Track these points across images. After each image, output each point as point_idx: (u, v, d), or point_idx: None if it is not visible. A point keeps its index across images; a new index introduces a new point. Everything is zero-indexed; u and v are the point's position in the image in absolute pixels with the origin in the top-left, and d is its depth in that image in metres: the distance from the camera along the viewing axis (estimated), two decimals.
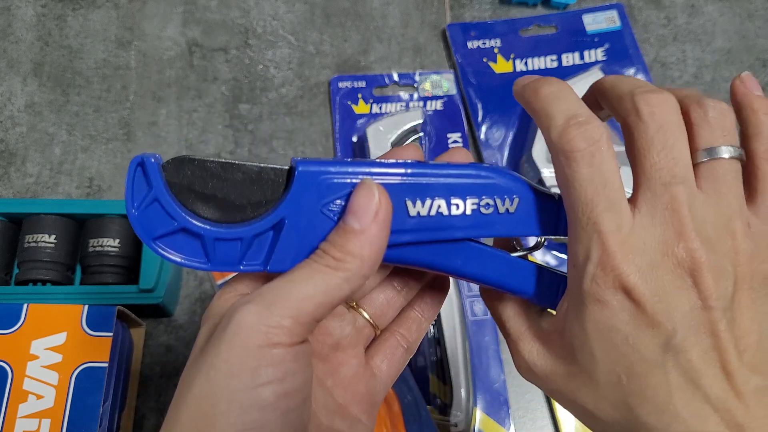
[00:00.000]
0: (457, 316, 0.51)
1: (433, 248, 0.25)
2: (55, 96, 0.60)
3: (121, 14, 0.63)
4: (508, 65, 0.62)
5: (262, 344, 0.21)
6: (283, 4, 0.65)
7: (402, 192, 0.24)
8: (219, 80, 0.61)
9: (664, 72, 0.63)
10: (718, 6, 0.66)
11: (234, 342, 0.21)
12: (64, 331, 0.43)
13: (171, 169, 0.23)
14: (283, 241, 0.24)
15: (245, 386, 0.20)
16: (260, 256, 0.24)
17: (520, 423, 0.51)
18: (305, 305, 0.22)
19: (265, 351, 0.21)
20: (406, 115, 0.59)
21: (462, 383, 0.49)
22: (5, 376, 0.41)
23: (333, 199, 0.24)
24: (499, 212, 0.25)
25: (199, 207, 0.24)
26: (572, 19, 0.64)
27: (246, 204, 0.24)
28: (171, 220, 0.23)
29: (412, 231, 0.24)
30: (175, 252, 0.24)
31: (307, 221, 0.24)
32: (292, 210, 0.24)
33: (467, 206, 0.25)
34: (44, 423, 0.41)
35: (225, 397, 0.20)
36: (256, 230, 0.24)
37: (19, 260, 0.49)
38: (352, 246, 0.23)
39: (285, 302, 0.22)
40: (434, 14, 0.65)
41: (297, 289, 0.22)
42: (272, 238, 0.24)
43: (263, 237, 0.24)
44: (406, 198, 0.24)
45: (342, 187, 0.24)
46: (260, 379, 0.21)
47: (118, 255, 0.49)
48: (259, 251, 0.24)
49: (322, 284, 0.22)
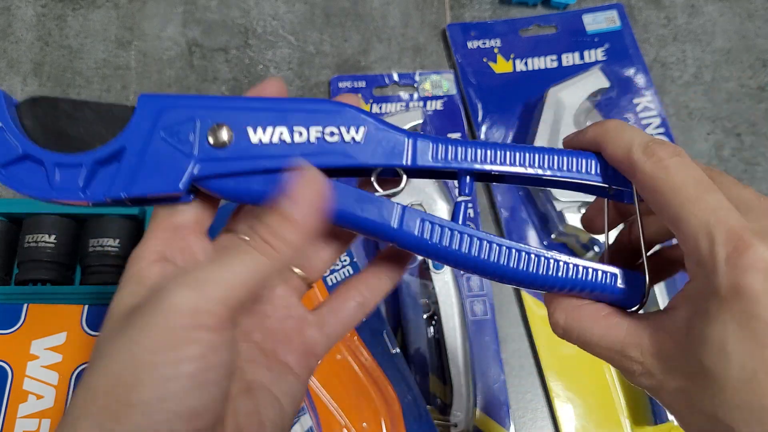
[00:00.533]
0: (457, 316, 0.51)
1: (281, 179, 0.25)
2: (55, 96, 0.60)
3: (121, 14, 0.63)
4: (508, 65, 0.62)
5: (188, 326, 0.21)
6: (283, 4, 0.65)
7: (243, 120, 0.25)
8: (219, 80, 0.61)
9: (664, 72, 0.63)
10: (718, 6, 0.66)
11: (160, 322, 0.21)
12: (64, 331, 0.43)
13: (24, 108, 0.25)
14: (125, 167, 0.24)
15: (167, 360, 0.21)
16: (105, 185, 0.25)
17: (520, 423, 0.51)
18: (235, 291, 0.22)
19: (191, 332, 0.21)
20: (406, 115, 0.59)
21: (462, 383, 0.49)
22: (5, 376, 0.41)
23: (177, 128, 0.25)
24: (345, 140, 0.25)
25: (48, 141, 0.25)
26: (572, 19, 0.64)
27: (94, 139, 0.25)
28: (15, 148, 0.24)
29: (257, 158, 0.25)
30: (20, 181, 0.24)
31: (151, 149, 0.24)
32: (133, 138, 0.24)
33: (311, 134, 0.25)
34: (44, 423, 0.41)
35: (146, 370, 0.21)
36: (97, 156, 0.24)
37: (19, 260, 0.49)
38: (288, 234, 0.23)
39: (215, 287, 0.22)
40: (434, 14, 0.65)
41: (228, 273, 0.22)
42: (116, 167, 0.25)
43: (108, 167, 0.25)
44: (247, 125, 0.25)
45: (186, 120, 0.25)
46: (182, 355, 0.21)
47: (118, 255, 0.49)
48: (103, 180, 0.25)
49: (253, 269, 0.22)
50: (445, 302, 0.51)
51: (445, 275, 0.52)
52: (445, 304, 0.51)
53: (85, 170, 0.24)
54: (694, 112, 0.61)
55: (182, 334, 0.21)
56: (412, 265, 0.54)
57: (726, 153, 0.60)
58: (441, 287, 0.52)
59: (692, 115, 0.61)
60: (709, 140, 0.60)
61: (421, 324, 0.52)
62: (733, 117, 0.61)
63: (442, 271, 0.52)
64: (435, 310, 0.52)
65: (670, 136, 0.59)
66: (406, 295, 0.53)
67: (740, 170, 0.59)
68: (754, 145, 0.60)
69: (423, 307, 0.52)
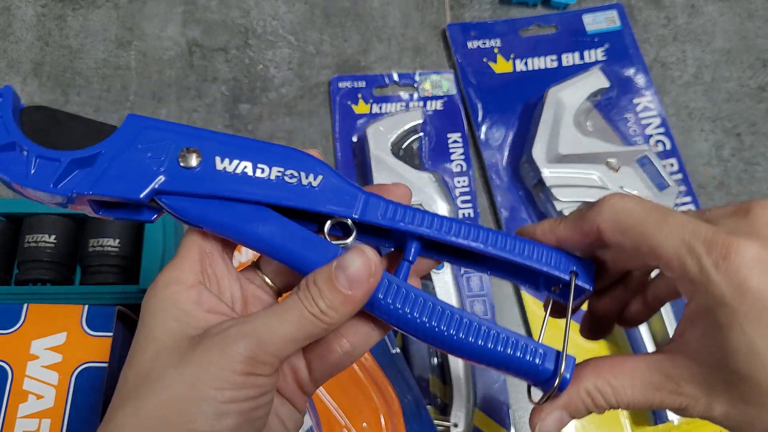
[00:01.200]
0: None
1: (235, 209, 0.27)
2: (55, 96, 0.60)
3: (121, 14, 0.63)
4: (508, 65, 0.62)
5: (247, 372, 0.24)
6: (283, 4, 0.65)
7: (214, 149, 0.27)
8: (219, 80, 0.61)
9: (664, 72, 0.63)
10: (718, 6, 0.66)
11: (224, 364, 0.23)
12: (64, 331, 0.43)
13: (26, 111, 0.27)
14: (97, 169, 0.26)
15: (226, 398, 0.23)
16: (74, 183, 0.26)
17: (520, 423, 0.51)
18: (288, 347, 0.25)
19: (248, 378, 0.24)
20: (406, 115, 0.59)
21: (462, 383, 0.49)
22: (5, 376, 0.41)
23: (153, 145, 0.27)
24: (302, 183, 0.27)
25: (37, 137, 0.27)
26: (572, 19, 0.64)
27: (78, 145, 0.27)
28: (5, 135, 0.26)
29: (218, 183, 0.27)
30: (2, 166, 0.26)
31: (125, 158, 0.26)
32: (111, 146, 0.27)
33: (272, 172, 0.27)
34: (44, 423, 0.40)
35: (205, 404, 0.23)
36: (75, 156, 0.26)
37: (19, 260, 0.49)
38: (339, 305, 0.25)
39: (272, 341, 0.24)
40: (434, 14, 0.65)
41: (283, 330, 0.25)
42: (89, 170, 0.26)
43: (83, 169, 0.26)
44: (216, 155, 0.27)
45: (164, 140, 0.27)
46: (239, 395, 0.24)
47: (118, 255, 0.49)
48: (75, 179, 0.26)
49: (306, 332, 0.25)
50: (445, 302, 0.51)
51: (445, 275, 0.52)
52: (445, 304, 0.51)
53: (61, 166, 0.26)
54: (694, 112, 0.61)
55: (241, 378, 0.24)
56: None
57: (726, 153, 0.60)
58: (441, 287, 0.52)
59: (692, 115, 0.61)
60: (709, 140, 0.60)
61: None
62: (733, 117, 0.61)
63: (442, 271, 0.52)
64: None
65: (670, 136, 0.59)
66: None
67: (740, 170, 0.59)
68: (754, 145, 0.60)
69: None
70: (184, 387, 0.23)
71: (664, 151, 0.58)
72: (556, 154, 0.54)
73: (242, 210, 0.27)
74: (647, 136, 0.59)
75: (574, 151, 0.55)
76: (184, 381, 0.23)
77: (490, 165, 0.58)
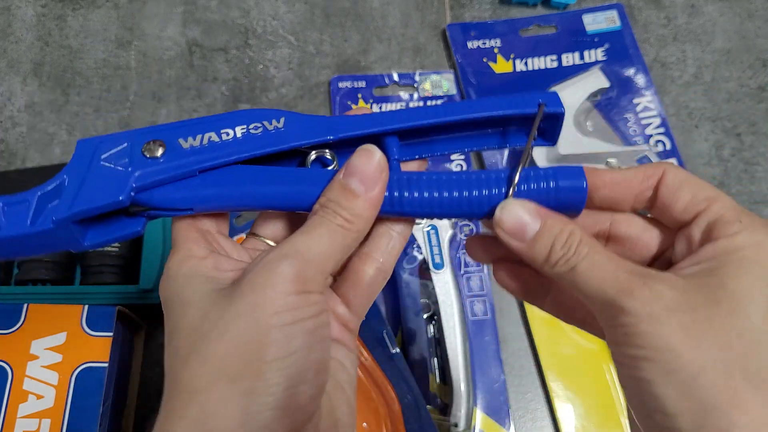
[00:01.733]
0: (457, 316, 0.51)
1: (218, 178, 0.27)
2: (55, 96, 0.60)
3: (121, 14, 0.63)
4: (508, 65, 0.62)
5: (300, 291, 0.24)
6: (283, 4, 0.65)
7: (174, 135, 0.27)
8: (219, 80, 0.61)
9: (664, 72, 0.63)
10: (718, 6, 0.66)
11: (277, 288, 0.23)
12: (64, 331, 0.43)
13: None
14: (69, 191, 0.26)
15: (289, 320, 0.23)
16: (51, 213, 0.26)
17: (520, 423, 0.51)
18: (328, 262, 0.25)
19: (305, 296, 0.24)
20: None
21: (462, 383, 0.49)
22: (5, 376, 0.41)
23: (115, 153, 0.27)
24: (269, 129, 0.28)
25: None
26: (572, 19, 0.64)
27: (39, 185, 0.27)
28: None
29: (191, 159, 0.27)
30: None
31: (92, 174, 0.27)
32: (73, 171, 0.27)
33: (237, 132, 0.28)
34: (44, 423, 0.41)
35: (272, 330, 0.23)
36: (41, 191, 0.26)
37: (19, 260, 0.49)
38: (359, 209, 0.25)
39: (313, 258, 0.24)
40: (434, 14, 0.65)
41: (319, 246, 0.25)
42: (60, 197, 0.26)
43: (54, 199, 0.26)
44: (178, 138, 0.27)
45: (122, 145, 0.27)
46: (300, 314, 0.24)
47: (118, 255, 0.49)
48: (50, 210, 0.26)
49: (338, 244, 0.25)
50: (445, 302, 0.51)
51: (445, 275, 0.52)
52: (445, 303, 0.51)
53: (32, 204, 0.26)
54: (694, 112, 0.61)
55: (296, 298, 0.23)
56: (411, 266, 0.54)
57: (726, 153, 0.60)
58: (441, 287, 0.52)
59: (692, 115, 0.61)
60: (709, 140, 0.60)
61: (421, 324, 0.52)
62: (733, 117, 0.61)
63: (442, 270, 0.52)
64: (435, 309, 0.52)
65: (670, 136, 0.59)
66: (406, 295, 0.53)
67: (740, 170, 0.59)
68: (754, 145, 0.60)
69: (423, 307, 0.52)
70: (247, 321, 0.23)
71: (664, 151, 0.58)
72: (556, 154, 0.54)
73: (225, 176, 0.27)
74: (647, 136, 0.59)
75: (574, 152, 0.55)
76: (242, 317, 0.23)
77: (490, 165, 0.59)
